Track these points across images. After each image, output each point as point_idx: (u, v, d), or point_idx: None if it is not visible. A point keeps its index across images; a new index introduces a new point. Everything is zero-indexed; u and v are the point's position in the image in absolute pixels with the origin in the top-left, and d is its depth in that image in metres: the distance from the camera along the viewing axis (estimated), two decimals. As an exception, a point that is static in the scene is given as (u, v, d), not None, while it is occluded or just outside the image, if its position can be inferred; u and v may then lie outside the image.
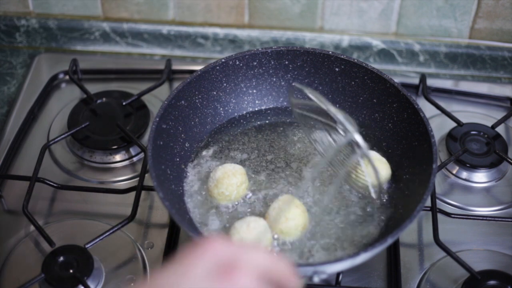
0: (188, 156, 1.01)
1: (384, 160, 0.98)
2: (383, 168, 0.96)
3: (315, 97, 0.88)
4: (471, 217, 1.01)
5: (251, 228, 0.87)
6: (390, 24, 1.27)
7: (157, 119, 0.94)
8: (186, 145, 1.00)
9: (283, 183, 0.98)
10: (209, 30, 1.30)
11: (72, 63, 1.22)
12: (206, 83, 1.03)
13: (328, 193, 0.96)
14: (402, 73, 1.28)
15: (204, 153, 1.02)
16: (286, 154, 1.02)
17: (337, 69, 1.04)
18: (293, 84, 0.92)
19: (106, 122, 1.14)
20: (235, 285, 0.59)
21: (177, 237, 0.99)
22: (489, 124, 1.13)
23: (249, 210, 0.95)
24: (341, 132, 0.93)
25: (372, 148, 1.01)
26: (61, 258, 0.93)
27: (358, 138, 0.84)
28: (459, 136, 1.11)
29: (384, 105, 1.02)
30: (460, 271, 0.93)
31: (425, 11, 1.24)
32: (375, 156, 0.98)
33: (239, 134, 1.05)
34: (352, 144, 0.88)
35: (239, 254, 0.62)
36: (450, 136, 1.12)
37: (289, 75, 1.06)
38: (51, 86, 1.24)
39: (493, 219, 1.01)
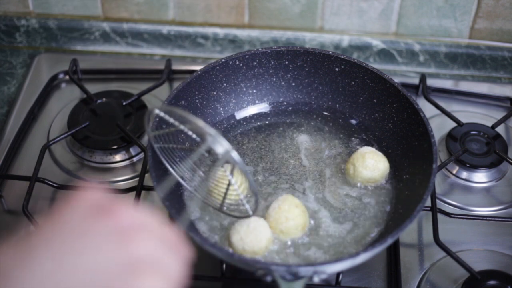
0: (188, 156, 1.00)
1: (381, 154, 0.98)
2: (381, 161, 0.96)
3: (174, 116, 0.84)
4: (471, 217, 1.01)
5: (251, 228, 0.87)
6: (390, 24, 1.27)
7: (157, 119, 0.94)
8: (186, 145, 1.00)
9: (283, 183, 0.98)
10: (209, 30, 1.30)
11: (72, 63, 1.22)
12: (206, 83, 1.02)
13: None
14: (402, 73, 1.28)
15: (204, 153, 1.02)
16: (286, 154, 1.02)
17: (337, 69, 1.04)
18: (148, 112, 0.85)
19: (106, 122, 1.14)
20: (117, 223, 0.55)
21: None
22: (489, 124, 1.13)
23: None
24: (207, 152, 0.87)
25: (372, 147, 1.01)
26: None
27: (223, 144, 0.80)
28: (459, 136, 1.11)
29: (384, 105, 1.02)
30: (460, 271, 0.93)
31: (425, 11, 1.24)
32: (372, 150, 0.98)
33: (239, 135, 1.05)
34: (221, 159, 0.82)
35: (122, 206, 0.57)
36: (450, 136, 1.12)
37: (289, 75, 1.06)
38: (51, 86, 1.24)
39: (493, 219, 1.01)
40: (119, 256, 0.53)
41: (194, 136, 0.84)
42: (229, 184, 0.87)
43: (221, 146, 0.80)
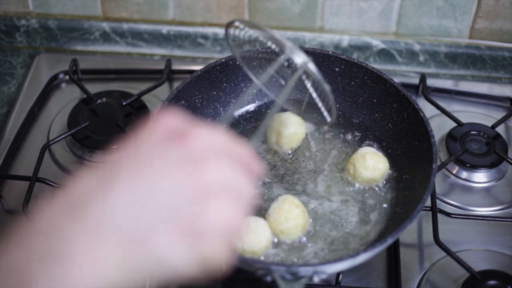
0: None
1: (381, 154, 0.98)
2: (381, 162, 0.96)
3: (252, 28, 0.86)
4: (471, 217, 1.01)
5: (251, 228, 0.87)
6: (390, 24, 1.27)
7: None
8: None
9: (283, 183, 0.98)
10: (209, 30, 1.30)
11: (72, 63, 1.22)
12: (206, 83, 1.02)
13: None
14: (402, 73, 1.28)
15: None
16: (285, 154, 1.02)
17: (337, 69, 1.04)
18: (228, 25, 0.87)
19: (106, 122, 1.14)
20: (190, 147, 0.56)
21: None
22: (489, 124, 1.13)
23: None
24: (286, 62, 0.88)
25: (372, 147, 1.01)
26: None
27: (300, 54, 0.82)
28: (459, 136, 1.11)
29: (384, 105, 1.02)
30: (460, 271, 0.93)
31: (425, 11, 1.24)
32: (372, 150, 0.98)
33: (239, 135, 1.05)
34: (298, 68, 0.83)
35: (196, 129, 0.58)
36: (450, 136, 1.12)
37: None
38: (51, 86, 1.24)
39: (493, 219, 1.01)
40: (191, 181, 0.54)
41: (273, 46, 0.85)
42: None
43: (299, 57, 0.81)
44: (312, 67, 0.81)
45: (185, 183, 0.54)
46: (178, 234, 0.53)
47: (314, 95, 0.88)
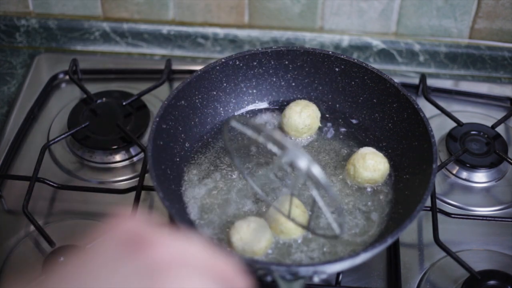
0: (188, 156, 1.01)
1: (381, 155, 0.98)
2: (381, 162, 0.96)
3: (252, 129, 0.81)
4: (471, 217, 1.01)
5: (251, 228, 0.87)
6: (390, 24, 1.27)
7: (157, 119, 0.94)
8: (186, 145, 1.00)
9: (283, 183, 0.98)
10: (209, 30, 1.30)
11: (72, 63, 1.22)
12: (206, 83, 1.02)
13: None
14: (402, 73, 1.28)
15: (204, 153, 1.02)
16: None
17: (337, 69, 1.04)
18: (229, 121, 0.84)
19: (106, 122, 1.14)
20: (152, 258, 0.47)
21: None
22: (489, 124, 1.13)
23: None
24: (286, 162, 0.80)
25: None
26: (61, 258, 0.93)
27: (308, 162, 0.75)
28: (459, 136, 1.11)
29: (384, 105, 1.02)
30: (460, 271, 0.93)
31: (425, 11, 1.24)
32: (372, 151, 0.98)
33: (239, 135, 1.05)
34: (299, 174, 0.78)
35: (160, 236, 0.49)
36: (450, 136, 1.12)
37: (289, 75, 1.06)
38: (51, 86, 1.24)
39: (493, 219, 1.01)
40: None
41: (273, 149, 0.80)
42: (314, 202, 0.83)
43: (302, 161, 0.75)
44: (317, 171, 0.75)
45: None
46: None
47: (321, 203, 0.81)
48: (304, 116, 1.01)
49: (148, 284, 0.47)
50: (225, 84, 1.05)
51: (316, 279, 0.83)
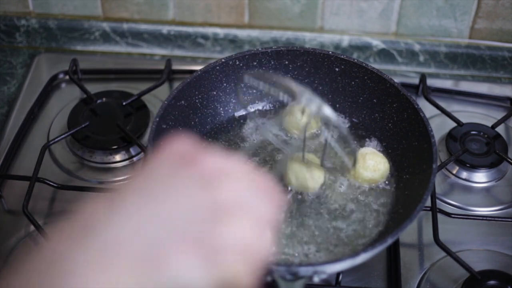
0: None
1: (381, 155, 0.98)
2: (381, 162, 0.96)
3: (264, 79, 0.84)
4: (471, 217, 1.01)
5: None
6: (390, 24, 1.27)
7: (157, 119, 0.94)
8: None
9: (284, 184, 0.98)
10: (209, 30, 1.30)
11: (72, 63, 1.22)
12: (206, 83, 1.02)
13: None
14: (402, 73, 1.28)
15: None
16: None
17: (337, 69, 1.04)
18: (239, 81, 0.86)
19: (106, 122, 1.14)
20: (202, 170, 0.52)
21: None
22: (489, 124, 1.13)
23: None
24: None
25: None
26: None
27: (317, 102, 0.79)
28: (459, 136, 1.11)
29: (384, 105, 1.02)
30: (460, 271, 0.93)
31: (425, 11, 1.24)
32: (373, 151, 0.98)
33: (239, 134, 1.05)
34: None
35: (208, 153, 0.54)
36: (450, 136, 1.12)
37: (289, 75, 1.06)
38: (51, 86, 1.24)
39: (493, 219, 1.01)
40: (203, 202, 0.51)
41: (285, 97, 0.83)
42: (326, 142, 0.86)
43: (313, 103, 0.79)
44: (328, 111, 0.79)
45: (199, 202, 0.51)
46: (194, 253, 0.49)
47: (333, 143, 0.85)
48: (305, 115, 1.01)
49: (199, 190, 0.51)
50: (225, 84, 1.05)
51: (316, 279, 0.83)
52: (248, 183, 0.54)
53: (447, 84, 1.26)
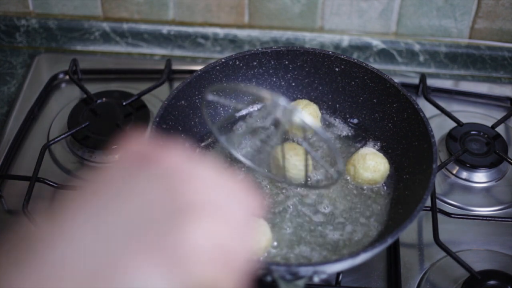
0: (188, 156, 1.00)
1: (381, 155, 0.98)
2: (381, 163, 0.96)
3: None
4: (471, 217, 1.01)
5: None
6: (390, 24, 1.27)
7: (157, 119, 0.94)
8: (186, 145, 1.00)
9: (284, 184, 0.98)
10: (209, 30, 1.30)
11: (72, 63, 1.22)
12: (206, 83, 1.02)
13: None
14: (402, 73, 1.28)
15: (204, 153, 1.02)
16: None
17: (337, 69, 1.04)
18: (205, 97, 0.82)
19: (106, 122, 1.14)
20: (164, 169, 0.48)
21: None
22: (489, 124, 1.13)
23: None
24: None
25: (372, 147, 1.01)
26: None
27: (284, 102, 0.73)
28: (459, 136, 1.11)
29: (384, 105, 1.02)
30: (460, 271, 0.93)
31: (425, 11, 1.24)
32: (373, 151, 0.98)
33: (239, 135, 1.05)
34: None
35: (166, 150, 0.49)
36: (450, 136, 1.12)
37: (289, 75, 1.06)
38: (51, 86, 1.24)
39: (493, 219, 1.01)
40: (166, 201, 0.46)
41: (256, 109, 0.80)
42: (306, 154, 0.82)
43: (288, 111, 0.73)
44: (302, 117, 0.72)
45: (159, 203, 0.46)
46: (154, 261, 0.44)
47: (312, 153, 0.80)
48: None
49: (162, 189, 0.47)
50: (225, 84, 1.05)
51: (316, 279, 0.83)
52: (215, 182, 0.49)
53: (447, 84, 1.26)
